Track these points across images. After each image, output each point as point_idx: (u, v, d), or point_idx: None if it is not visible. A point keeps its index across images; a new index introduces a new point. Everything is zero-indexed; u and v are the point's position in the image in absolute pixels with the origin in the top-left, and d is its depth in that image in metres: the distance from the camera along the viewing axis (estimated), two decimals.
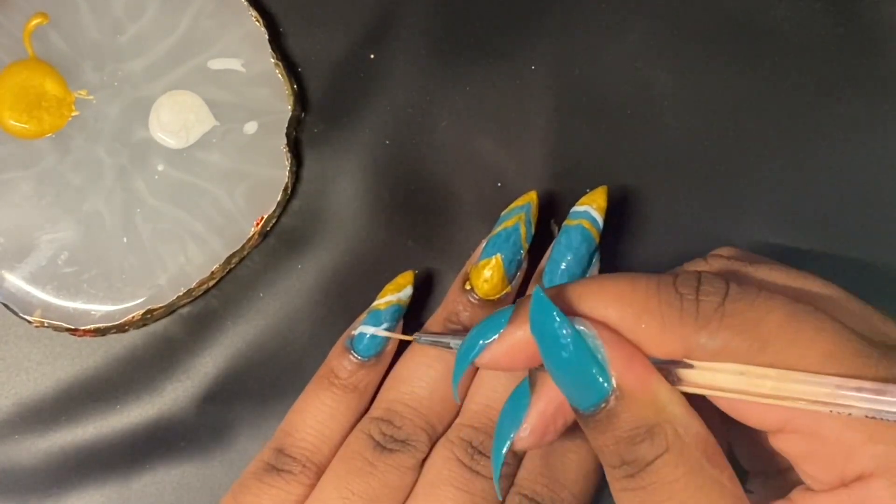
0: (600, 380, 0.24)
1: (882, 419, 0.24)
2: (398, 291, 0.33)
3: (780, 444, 0.26)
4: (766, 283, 0.28)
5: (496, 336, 0.26)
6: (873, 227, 0.35)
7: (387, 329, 0.33)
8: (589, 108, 0.36)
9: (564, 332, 0.24)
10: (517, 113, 0.36)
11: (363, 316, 0.33)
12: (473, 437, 0.32)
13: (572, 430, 0.32)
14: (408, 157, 0.36)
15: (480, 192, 0.36)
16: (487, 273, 0.33)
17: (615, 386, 0.24)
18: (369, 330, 0.33)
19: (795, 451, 0.25)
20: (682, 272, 0.26)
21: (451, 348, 0.30)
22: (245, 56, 0.35)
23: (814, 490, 0.26)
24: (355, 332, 0.33)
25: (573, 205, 0.33)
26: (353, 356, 0.33)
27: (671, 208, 0.36)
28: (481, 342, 0.27)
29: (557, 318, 0.24)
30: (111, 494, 0.35)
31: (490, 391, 0.33)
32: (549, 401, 0.27)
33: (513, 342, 0.26)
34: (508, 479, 0.32)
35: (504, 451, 0.28)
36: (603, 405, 0.24)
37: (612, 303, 0.25)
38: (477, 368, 0.33)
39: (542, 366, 0.26)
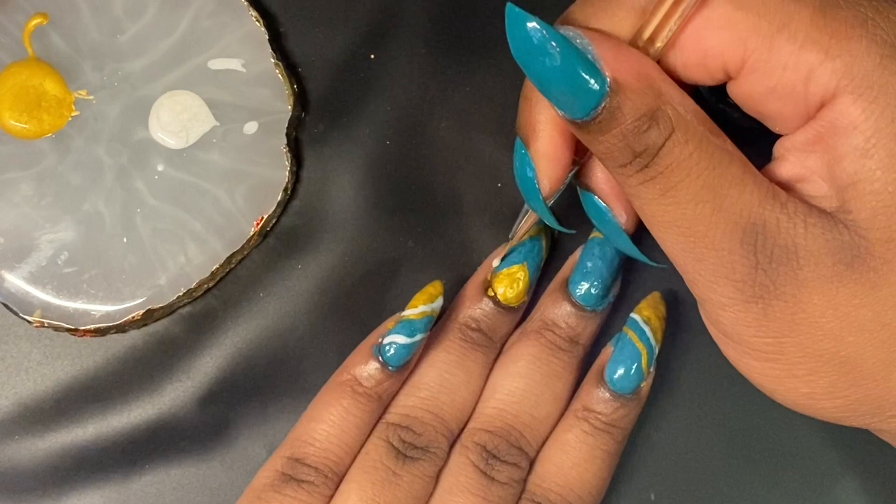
0: (592, 81, 0.24)
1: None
2: (431, 302, 0.32)
3: (741, 89, 0.25)
4: None
5: (533, 162, 0.27)
6: None
7: (420, 339, 0.32)
8: None
9: (544, 35, 0.24)
10: (517, 113, 0.36)
11: (391, 324, 0.32)
12: (488, 442, 0.31)
13: (583, 433, 0.32)
14: (408, 157, 0.36)
15: (480, 192, 0.36)
16: (513, 280, 0.33)
17: (610, 80, 0.24)
18: (401, 339, 0.32)
19: (757, 90, 0.25)
20: None
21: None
22: (245, 56, 0.35)
23: (789, 135, 0.25)
24: (385, 341, 0.32)
25: None
26: (382, 365, 0.32)
27: None
28: (529, 174, 0.27)
29: (538, 26, 0.24)
30: (111, 494, 0.35)
31: (505, 395, 0.32)
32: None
33: (542, 149, 0.27)
34: (519, 483, 0.32)
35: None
36: (603, 104, 0.24)
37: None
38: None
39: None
